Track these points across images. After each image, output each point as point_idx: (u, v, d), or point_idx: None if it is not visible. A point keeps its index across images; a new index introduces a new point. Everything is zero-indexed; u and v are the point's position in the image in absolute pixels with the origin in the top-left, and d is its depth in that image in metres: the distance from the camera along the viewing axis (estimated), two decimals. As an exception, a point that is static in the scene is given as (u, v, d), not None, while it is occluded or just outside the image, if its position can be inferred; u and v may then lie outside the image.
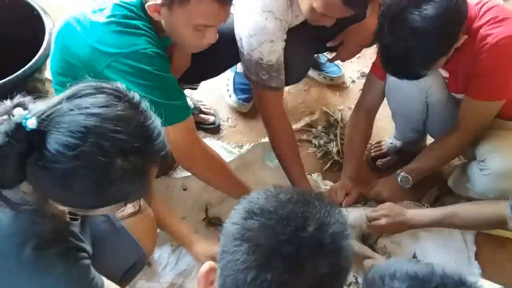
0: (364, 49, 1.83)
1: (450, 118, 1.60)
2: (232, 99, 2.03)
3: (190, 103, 1.94)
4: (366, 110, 1.71)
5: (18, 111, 0.78)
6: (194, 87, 1.90)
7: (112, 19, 1.22)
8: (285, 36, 1.53)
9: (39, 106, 0.82)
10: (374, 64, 1.67)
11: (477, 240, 1.70)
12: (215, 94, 2.08)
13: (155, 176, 0.93)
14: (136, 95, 0.87)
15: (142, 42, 1.22)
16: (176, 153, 1.29)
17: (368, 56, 2.14)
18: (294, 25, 1.58)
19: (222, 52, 1.49)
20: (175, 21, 1.24)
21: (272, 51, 1.49)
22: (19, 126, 0.77)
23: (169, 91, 1.27)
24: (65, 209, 0.88)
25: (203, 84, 1.93)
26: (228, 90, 2.05)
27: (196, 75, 1.76)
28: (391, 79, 1.63)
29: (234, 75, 2.05)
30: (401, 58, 1.28)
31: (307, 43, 1.72)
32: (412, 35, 1.23)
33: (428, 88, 1.57)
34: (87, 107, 0.80)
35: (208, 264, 0.76)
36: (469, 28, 1.34)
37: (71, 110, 0.80)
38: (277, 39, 1.49)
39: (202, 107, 1.98)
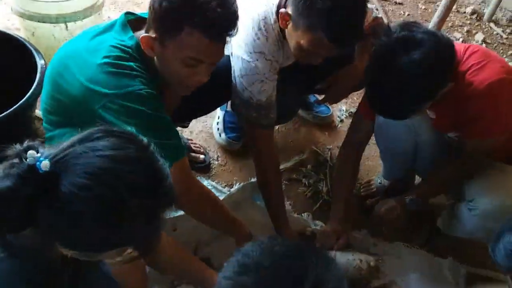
0: (352, 90, 1.87)
1: (438, 156, 1.63)
2: (222, 138, 2.04)
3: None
4: (354, 147, 1.73)
5: (31, 154, 0.79)
6: (185, 125, 1.91)
7: (107, 60, 1.23)
8: (276, 76, 1.56)
9: (50, 149, 0.83)
10: (361, 104, 1.71)
11: (467, 280, 1.69)
12: (205, 132, 2.09)
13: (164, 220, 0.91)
14: (144, 139, 0.88)
15: (136, 83, 1.23)
16: None
17: (356, 95, 2.18)
18: (285, 65, 1.62)
19: (214, 90, 1.49)
20: (166, 56, 1.25)
21: (262, 91, 1.52)
22: (32, 169, 0.78)
23: (164, 130, 1.27)
24: (70, 253, 0.86)
25: (193, 122, 1.94)
26: (218, 129, 2.05)
27: (187, 112, 1.76)
28: (381, 119, 1.66)
29: (224, 114, 2.06)
30: (387, 98, 1.31)
31: (297, 84, 1.75)
32: (400, 77, 1.27)
33: (417, 127, 1.60)
34: (100, 149, 0.82)
35: None
36: (454, 72, 1.38)
37: (85, 152, 0.81)
38: (268, 79, 1.52)
39: (192, 145, 1.98)
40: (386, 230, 1.77)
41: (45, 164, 0.78)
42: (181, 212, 1.53)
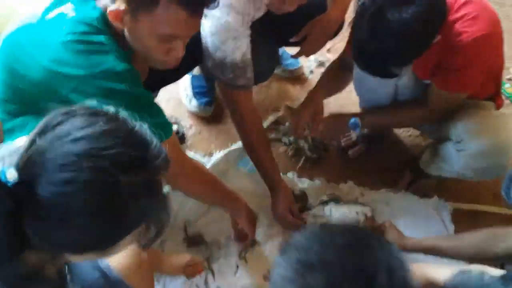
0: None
1: (416, 97, 1.61)
2: (193, 104, 1.93)
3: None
4: (342, 65, 1.68)
5: None
6: (153, 95, 1.78)
7: (72, 37, 1.08)
8: (249, 31, 1.46)
9: (2, 152, 0.72)
10: (344, 50, 1.66)
11: (454, 218, 1.74)
12: (174, 100, 1.98)
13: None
14: (110, 107, 0.79)
15: (110, 59, 1.10)
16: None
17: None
18: (257, 17, 1.51)
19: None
20: (140, 30, 1.12)
21: (236, 49, 1.42)
22: None
23: (148, 107, 1.16)
24: (82, 259, 0.77)
25: (163, 92, 1.81)
26: (187, 95, 1.94)
27: (155, 82, 1.64)
28: (358, 81, 1.61)
29: (191, 79, 1.95)
30: (375, 56, 1.26)
31: (272, 38, 1.67)
32: (390, 35, 1.21)
33: None
34: (67, 134, 0.71)
35: None
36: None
37: (51, 144, 0.71)
38: (241, 35, 1.42)
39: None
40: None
41: (11, 174, 0.67)
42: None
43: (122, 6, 1.08)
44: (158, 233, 0.83)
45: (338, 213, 1.60)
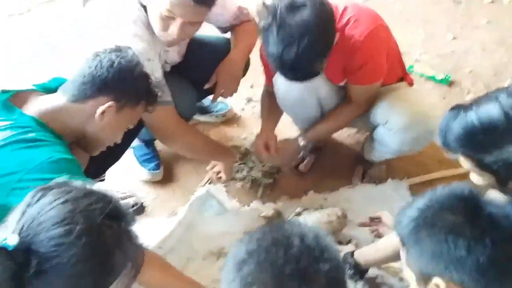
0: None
1: (341, 103, 1.76)
2: (142, 173, 1.97)
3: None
4: (270, 93, 1.81)
5: None
6: (102, 179, 1.80)
7: (3, 142, 1.14)
8: (158, 57, 1.57)
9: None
10: (266, 74, 1.79)
11: (412, 193, 1.85)
12: (124, 178, 2.00)
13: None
14: (77, 182, 0.90)
15: (46, 151, 1.15)
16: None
17: (244, 82, 2.24)
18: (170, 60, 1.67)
19: None
20: (114, 122, 1.29)
21: (154, 69, 1.50)
22: (1, 250, 0.75)
23: None
24: None
25: (111, 171, 1.84)
26: (134, 168, 1.98)
27: (101, 167, 1.69)
28: (280, 92, 1.74)
29: (134, 151, 2.00)
30: (295, 61, 1.37)
31: (189, 84, 1.81)
32: (300, 38, 1.34)
33: (314, 85, 1.70)
34: (53, 201, 0.82)
35: None
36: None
37: (42, 210, 0.81)
38: (153, 57, 1.51)
39: (118, 194, 1.88)
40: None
41: (12, 239, 0.75)
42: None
43: (109, 103, 1.24)
44: (136, 272, 0.93)
45: (311, 219, 1.66)
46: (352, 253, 1.48)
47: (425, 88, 2.31)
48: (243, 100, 2.30)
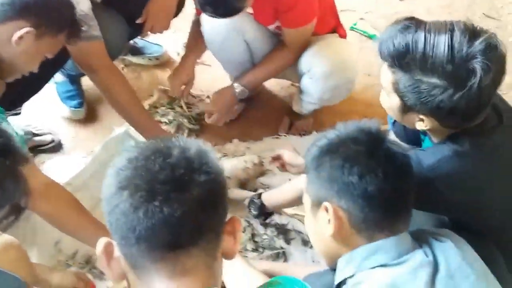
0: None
1: (271, 49, 1.72)
2: (64, 110, 1.90)
3: (18, 130, 1.77)
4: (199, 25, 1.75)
5: None
6: (17, 112, 1.72)
7: None
8: None
9: None
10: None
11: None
12: (45, 112, 1.92)
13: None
14: None
15: None
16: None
17: (182, 26, 2.16)
18: None
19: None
20: (31, 49, 1.23)
21: (80, 1, 1.42)
22: None
23: None
24: None
25: (29, 105, 1.76)
26: (56, 103, 1.90)
27: (17, 98, 1.61)
28: (207, 33, 1.68)
29: (56, 86, 1.92)
30: None
31: (122, 18, 1.73)
32: None
33: (241, 26, 1.65)
34: None
35: (102, 240, 0.73)
36: None
37: None
38: None
39: (34, 130, 1.81)
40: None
41: None
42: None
43: (27, 29, 1.19)
44: (15, 219, 0.92)
45: (229, 164, 1.66)
46: (259, 195, 1.49)
47: (365, 46, 2.29)
48: (180, 44, 2.22)
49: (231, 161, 1.68)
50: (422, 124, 1.04)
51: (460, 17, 1.37)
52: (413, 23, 1.00)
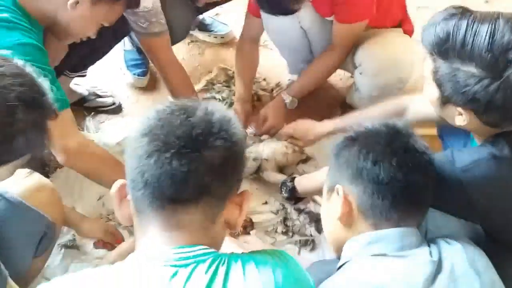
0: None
1: (329, 39, 1.69)
2: (127, 77, 2.02)
3: (83, 90, 1.91)
4: (249, 41, 1.79)
5: None
6: (83, 74, 1.85)
7: None
8: None
9: None
10: (249, 3, 1.73)
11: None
12: (111, 76, 2.05)
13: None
14: (19, 60, 0.92)
15: (15, 35, 1.18)
16: (52, 147, 1.29)
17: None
18: None
19: (100, 32, 1.48)
20: (86, 14, 1.28)
21: None
22: None
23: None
24: None
25: (98, 69, 1.89)
26: (121, 69, 2.02)
27: (81, 61, 1.74)
28: (264, 17, 1.69)
29: (124, 54, 2.04)
30: None
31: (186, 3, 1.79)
32: None
33: (298, 14, 1.64)
34: None
35: (118, 182, 0.79)
36: None
37: None
38: None
39: (98, 91, 1.95)
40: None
41: None
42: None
43: None
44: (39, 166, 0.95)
45: (269, 146, 1.67)
46: (293, 178, 1.49)
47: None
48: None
49: (272, 144, 1.69)
50: (461, 119, 0.98)
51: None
52: (459, 11, 0.94)
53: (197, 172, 0.71)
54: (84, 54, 1.64)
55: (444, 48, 0.93)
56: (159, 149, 0.71)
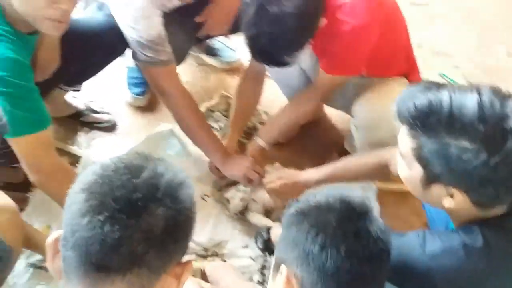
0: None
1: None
2: (127, 95, 1.98)
3: (80, 103, 1.88)
4: (253, 79, 1.73)
5: None
6: (77, 88, 1.82)
7: None
8: (160, 12, 1.50)
9: None
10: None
11: (379, 198, 1.72)
12: (110, 93, 2.02)
13: None
14: None
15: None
16: (25, 167, 1.27)
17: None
18: (171, 8, 1.56)
19: (94, 49, 1.49)
20: None
21: (149, 28, 1.46)
22: None
23: (24, 100, 1.20)
24: None
25: (98, 83, 1.86)
26: (121, 86, 1.99)
27: (74, 76, 1.70)
28: None
29: (127, 70, 2.00)
30: (266, 48, 1.31)
31: (190, 25, 1.74)
32: (275, 27, 1.26)
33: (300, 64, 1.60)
34: None
35: (56, 233, 0.74)
36: (326, 5, 1.37)
37: None
38: (152, 15, 1.47)
39: (94, 107, 1.91)
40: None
41: None
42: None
43: None
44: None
45: (259, 190, 1.62)
46: (269, 229, 1.43)
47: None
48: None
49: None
50: (450, 200, 0.90)
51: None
52: (433, 85, 0.89)
53: (131, 240, 0.65)
54: (77, 69, 1.60)
55: (428, 123, 0.86)
56: (93, 210, 0.66)
